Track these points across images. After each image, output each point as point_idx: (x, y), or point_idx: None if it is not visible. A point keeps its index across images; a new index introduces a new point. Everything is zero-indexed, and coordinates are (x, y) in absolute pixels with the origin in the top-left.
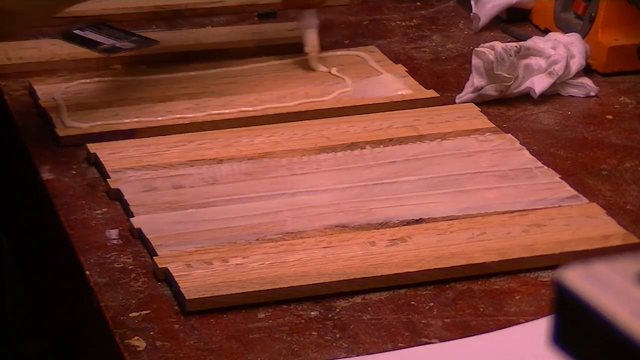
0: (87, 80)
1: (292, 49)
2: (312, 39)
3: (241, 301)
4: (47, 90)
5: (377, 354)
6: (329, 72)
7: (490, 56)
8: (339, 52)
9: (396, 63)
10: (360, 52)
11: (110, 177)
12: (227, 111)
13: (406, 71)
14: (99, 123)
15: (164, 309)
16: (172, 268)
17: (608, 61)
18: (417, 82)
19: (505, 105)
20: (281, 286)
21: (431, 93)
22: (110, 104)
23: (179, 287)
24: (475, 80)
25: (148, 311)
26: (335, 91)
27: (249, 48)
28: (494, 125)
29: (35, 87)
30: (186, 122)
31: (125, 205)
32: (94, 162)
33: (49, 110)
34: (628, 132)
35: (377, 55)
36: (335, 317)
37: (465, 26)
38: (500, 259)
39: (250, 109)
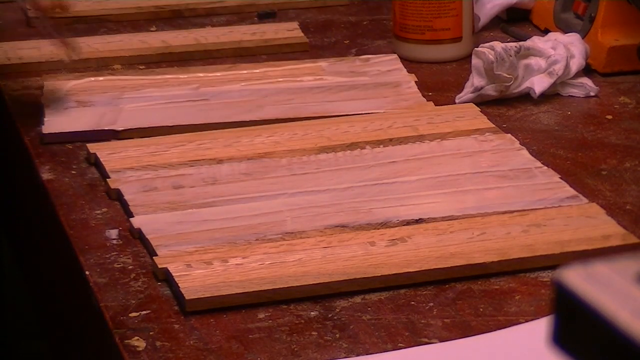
0: (94, 79)
1: (291, 49)
2: None
3: (241, 301)
4: (54, 86)
5: (377, 354)
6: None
7: (490, 56)
8: (357, 58)
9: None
10: (379, 58)
11: (110, 177)
12: (216, 115)
13: (415, 81)
14: (85, 122)
15: (164, 309)
16: (172, 268)
17: (608, 61)
18: (420, 93)
19: (505, 105)
20: (281, 286)
21: (430, 106)
22: (108, 103)
23: (178, 287)
24: (475, 80)
25: (148, 311)
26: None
27: (248, 48)
28: (493, 125)
29: (44, 83)
30: (170, 124)
31: (125, 205)
32: (94, 162)
33: (45, 107)
34: (628, 132)
35: (395, 62)
36: (335, 317)
37: None
38: (500, 259)
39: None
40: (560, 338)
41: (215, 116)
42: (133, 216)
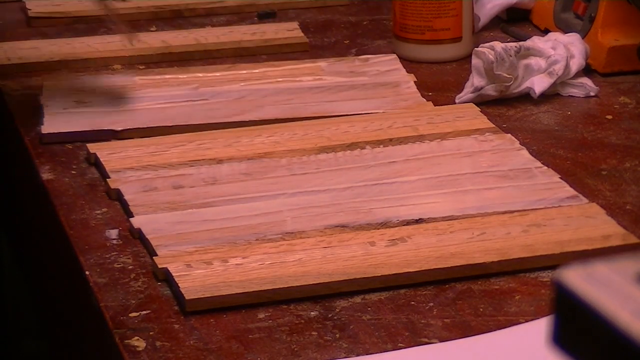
0: (92, 78)
1: (291, 49)
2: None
3: (241, 301)
4: (52, 86)
5: (377, 354)
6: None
7: (490, 56)
8: (357, 58)
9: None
10: (378, 58)
11: (110, 177)
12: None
13: (415, 81)
14: (85, 122)
15: (164, 309)
16: (171, 268)
17: (608, 61)
18: (419, 93)
19: (505, 105)
20: (281, 286)
21: (429, 105)
22: (108, 103)
23: (178, 287)
24: (475, 80)
25: (148, 311)
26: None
27: (249, 48)
28: (493, 125)
29: (43, 84)
30: (170, 124)
31: (125, 205)
32: (94, 162)
33: (45, 107)
34: (628, 132)
35: (394, 62)
36: (335, 317)
37: None
38: (500, 259)
39: (232, 117)
40: (560, 338)
41: (215, 116)
42: (133, 216)
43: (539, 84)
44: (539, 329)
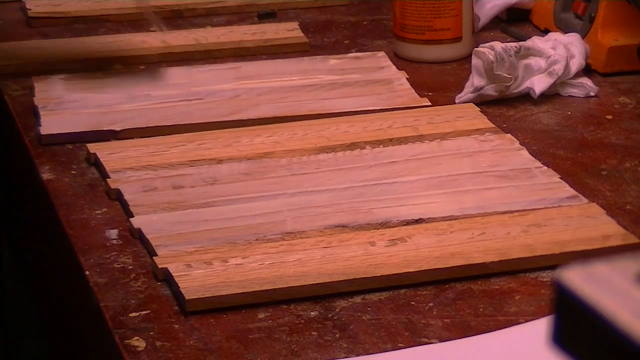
0: (87, 79)
1: (291, 49)
2: None
3: (241, 301)
4: (45, 87)
5: (377, 354)
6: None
7: (490, 56)
8: (346, 56)
9: (396, 63)
10: (367, 56)
11: (110, 177)
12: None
13: (407, 78)
14: (84, 122)
15: (164, 309)
16: (171, 268)
17: (608, 61)
18: (413, 89)
19: (505, 105)
20: (281, 286)
21: (425, 102)
22: (106, 103)
23: (178, 287)
24: (475, 80)
25: (148, 311)
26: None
27: (249, 48)
28: (493, 125)
29: (35, 84)
30: (168, 124)
31: (125, 205)
32: (94, 162)
33: (41, 109)
34: (628, 132)
35: (383, 60)
36: (335, 317)
37: None
38: (500, 259)
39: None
40: (560, 338)
41: (212, 115)
42: (133, 216)
43: (539, 84)
44: (539, 329)
